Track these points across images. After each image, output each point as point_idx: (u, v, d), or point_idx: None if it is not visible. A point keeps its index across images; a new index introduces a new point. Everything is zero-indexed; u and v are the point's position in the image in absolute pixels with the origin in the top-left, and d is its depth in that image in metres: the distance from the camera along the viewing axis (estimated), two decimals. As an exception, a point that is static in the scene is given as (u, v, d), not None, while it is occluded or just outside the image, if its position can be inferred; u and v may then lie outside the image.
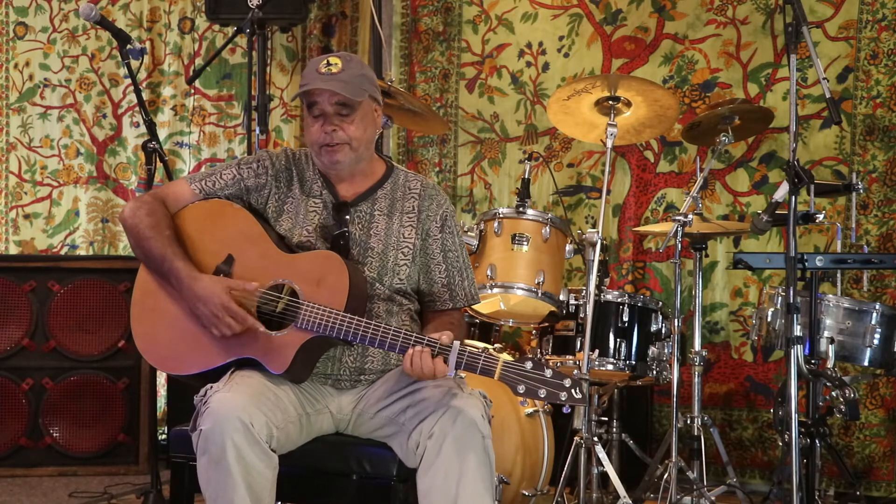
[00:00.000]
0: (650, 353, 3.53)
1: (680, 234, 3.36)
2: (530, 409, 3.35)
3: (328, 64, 2.46)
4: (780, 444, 3.53)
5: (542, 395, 2.19)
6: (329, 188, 2.57)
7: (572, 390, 2.19)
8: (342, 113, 2.47)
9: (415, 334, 2.30)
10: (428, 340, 2.26)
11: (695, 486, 3.43)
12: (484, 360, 2.23)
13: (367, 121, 2.52)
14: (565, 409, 2.28)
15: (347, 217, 2.51)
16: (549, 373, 2.20)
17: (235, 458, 2.18)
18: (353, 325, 2.31)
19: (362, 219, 2.55)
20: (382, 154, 2.74)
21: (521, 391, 2.20)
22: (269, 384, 2.34)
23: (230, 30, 4.36)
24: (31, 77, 5.13)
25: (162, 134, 4.93)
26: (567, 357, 3.49)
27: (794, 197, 2.77)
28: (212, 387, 2.29)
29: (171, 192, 2.55)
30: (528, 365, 2.20)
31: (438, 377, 2.27)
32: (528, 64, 4.64)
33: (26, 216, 5.13)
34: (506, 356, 3.27)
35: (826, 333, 3.22)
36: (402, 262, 2.53)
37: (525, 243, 3.44)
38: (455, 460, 2.24)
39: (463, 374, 2.36)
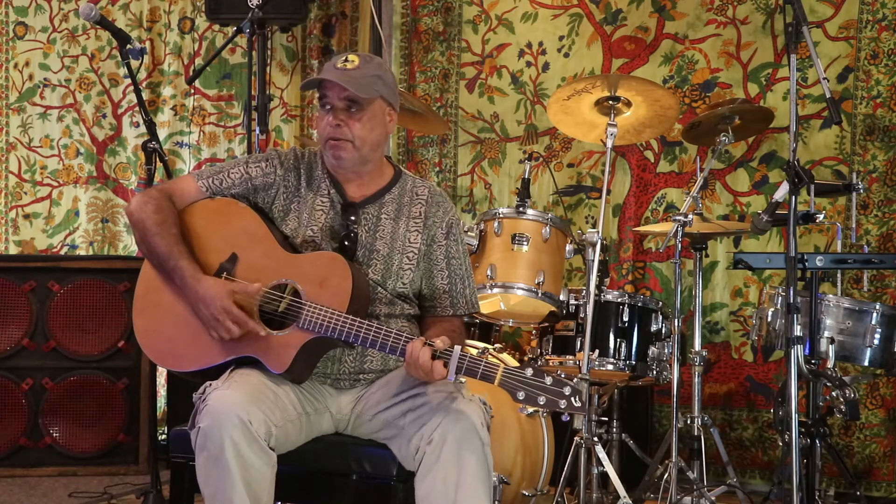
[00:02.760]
0: (650, 353, 3.52)
1: (680, 234, 3.36)
2: (530, 410, 3.34)
3: (346, 60, 2.46)
4: (780, 444, 3.52)
5: (542, 402, 2.17)
6: (337, 188, 2.56)
7: (572, 398, 2.17)
8: (351, 109, 2.46)
9: (416, 337, 2.29)
10: (428, 342, 2.26)
11: (695, 486, 3.42)
12: (484, 366, 2.21)
13: (375, 122, 2.50)
14: (564, 418, 2.26)
15: (354, 218, 2.51)
16: (549, 380, 2.18)
17: (234, 456, 2.18)
18: (355, 326, 2.31)
19: (369, 221, 2.54)
20: (391, 159, 2.74)
21: (521, 398, 2.18)
22: (269, 383, 2.33)
23: (230, 30, 4.35)
24: (30, 77, 5.13)
25: (162, 134, 4.93)
26: (567, 357, 3.49)
27: (794, 197, 2.77)
28: (211, 384, 2.29)
29: (177, 187, 2.54)
30: (529, 372, 2.19)
31: (437, 379, 2.25)
32: (528, 64, 4.64)
33: (26, 216, 5.14)
34: (507, 357, 3.28)
35: (826, 333, 3.22)
36: (406, 267, 2.52)
37: (525, 243, 3.44)
38: (454, 466, 2.23)
39: (463, 380, 2.36)
